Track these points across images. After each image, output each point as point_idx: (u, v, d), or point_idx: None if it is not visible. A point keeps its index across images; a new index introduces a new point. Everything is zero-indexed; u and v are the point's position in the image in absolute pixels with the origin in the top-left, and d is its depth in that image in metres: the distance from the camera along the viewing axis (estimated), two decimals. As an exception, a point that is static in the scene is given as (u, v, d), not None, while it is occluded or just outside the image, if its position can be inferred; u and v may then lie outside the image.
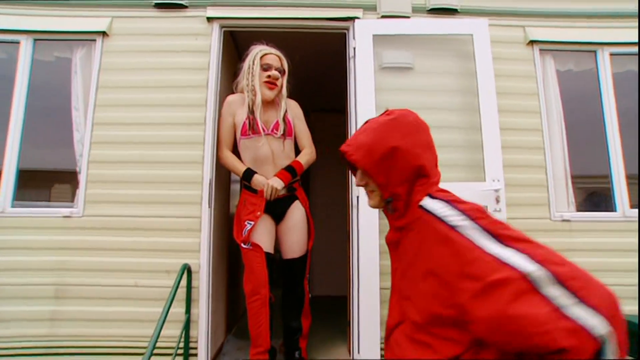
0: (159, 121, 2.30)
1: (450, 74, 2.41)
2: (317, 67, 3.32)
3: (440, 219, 0.89)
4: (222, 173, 2.64)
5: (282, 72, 2.15)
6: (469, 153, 2.31)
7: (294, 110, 2.23)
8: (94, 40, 2.38)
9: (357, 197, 2.20)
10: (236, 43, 2.94)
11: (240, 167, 2.13)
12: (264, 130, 2.09)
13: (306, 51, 2.24)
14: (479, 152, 2.25)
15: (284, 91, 2.16)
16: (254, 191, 2.11)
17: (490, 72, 2.27)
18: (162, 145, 2.28)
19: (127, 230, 2.19)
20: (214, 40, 2.38)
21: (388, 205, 1.02)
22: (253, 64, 2.11)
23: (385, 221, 1.11)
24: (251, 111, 2.08)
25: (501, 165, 2.18)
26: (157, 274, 2.16)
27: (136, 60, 2.37)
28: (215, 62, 2.37)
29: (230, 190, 3.01)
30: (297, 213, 2.16)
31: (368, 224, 2.15)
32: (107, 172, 2.25)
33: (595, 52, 2.48)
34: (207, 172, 2.25)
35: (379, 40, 2.34)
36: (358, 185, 1.11)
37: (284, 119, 2.13)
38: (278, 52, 2.17)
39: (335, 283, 4.22)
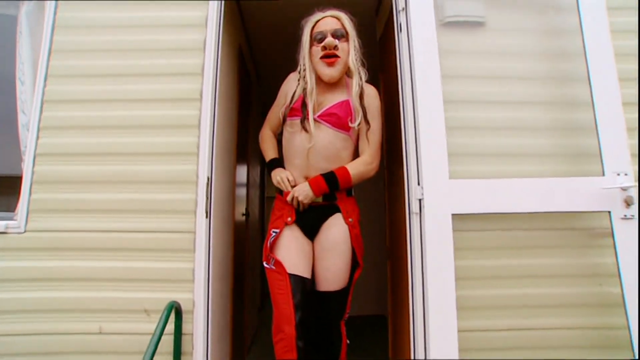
0: (135, 96, 1.64)
1: (536, 31, 1.76)
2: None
3: None
4: (225, 170, 1.98)
5: (341, 36, 1.58)
6: (564, 137, 1.67)
7: (369, 100, 1.61)
8: (47, -12, 1.73)
9: (420, 200, 1.52)
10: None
11: (269, 154, 1.72)
12: (307, 115, 1.53)
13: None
14: (581, 135, 1.62)
15: (352, 60, 1.57)
16: (282, 193, 1.60)
17: (604, 22, 1.60)
18: (139, 130, 1.61)
19: (87, 251, 1.53)
20: (213, -11, 1.73)
21: None
22: (304, 41, 1.61)
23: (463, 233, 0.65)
24: (303, 102, 1.57)
25: (628, 154, 1.52)
26: (132, 314, 1.50)
27: (105, 15, 1.72)
28: (215, 18, 1.72)
29: (236, 194, 2.34)
30: (335, 231, 1.55)
31: (437, 238, 1.47)
32: (61, 168, 1.59)
33: None
34: (204, 167, 1.59)
35: (440, -16, 1.70)
36: None
37: (360, 100, 1.56)
38: (335, 12, 1.61)
39: (369, 301, 3.68)
